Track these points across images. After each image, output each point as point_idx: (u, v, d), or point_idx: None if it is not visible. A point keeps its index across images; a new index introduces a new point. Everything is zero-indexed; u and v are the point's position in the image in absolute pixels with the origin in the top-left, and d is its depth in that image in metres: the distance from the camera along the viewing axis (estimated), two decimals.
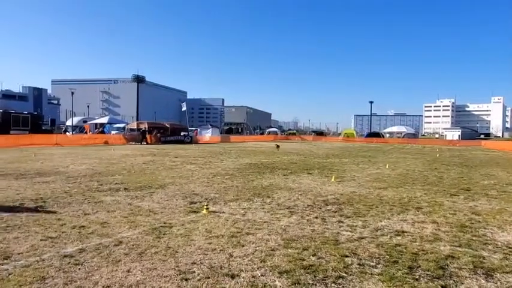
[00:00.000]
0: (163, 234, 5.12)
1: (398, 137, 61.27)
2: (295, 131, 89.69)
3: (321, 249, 4.60)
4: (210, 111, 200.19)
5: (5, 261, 4.05)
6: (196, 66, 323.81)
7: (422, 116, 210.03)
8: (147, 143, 32.36)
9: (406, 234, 5.39)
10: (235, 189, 9.03)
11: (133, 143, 32.15)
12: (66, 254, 4.27)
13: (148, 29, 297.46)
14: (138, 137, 33.01)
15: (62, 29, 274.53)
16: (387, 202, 7.76)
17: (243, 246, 4.69)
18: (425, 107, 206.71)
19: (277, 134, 73.40)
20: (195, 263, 4.07)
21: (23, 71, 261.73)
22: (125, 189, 8.72)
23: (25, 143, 25.29)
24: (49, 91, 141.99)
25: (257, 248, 4.60)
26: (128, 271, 3.83)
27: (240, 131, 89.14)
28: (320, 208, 7.06)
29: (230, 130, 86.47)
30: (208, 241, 4.87)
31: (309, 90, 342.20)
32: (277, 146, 28.69)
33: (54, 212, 6.27)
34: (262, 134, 78.61)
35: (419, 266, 4.11)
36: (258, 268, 3.96)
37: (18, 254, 4.27)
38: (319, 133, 79.32)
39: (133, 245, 4.64)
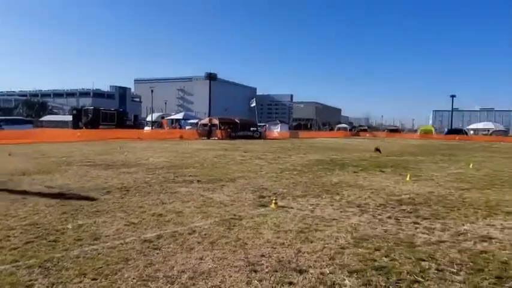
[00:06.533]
0: (234, 226, 5.28)
1: (485, 135, 55.68)
2: (366, 127, 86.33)
3: (395, 251, 4.36)
4: (279, 107, 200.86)
5: (95, 241, 4.51)
6: (265, 63, 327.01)
7: None
8: (218, 138, 33.62)
9: (493, 240, 4.88)
10: (304, 185, 8.97)
11: (205, 138, 33.61)
12: (146, 239, 4.62)
13: (219, 28, 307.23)
14: (205, 132, 34.44)
15: (142, 31, 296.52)
16: (471, 204, 7.10)
17: (311, 242, 4.64)
18: None
19: (346, 131, 71.30)
20: (263, 256, 4.13)
21: (109, 71, 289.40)
22: (198, 181, 9.16)
23: (111, 137, 27.91)
24: (132, 90, 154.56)
25: (326, 245, 4.52)
26: (201, 258, 4.02)
27: (309, 127, 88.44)
28: (393, 208, 6.70)
29: (299, 126, 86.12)
30: (276, 235, 4.90)
31: (382, 84, 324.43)
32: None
33: (136, 200, 6.81)
34: (331, 130, 77.08)
35: (510, 277, 3.69)
36: (326, 265, 3.89)
37: (106, 236, 4.72)
38: (393, 130, 75.24)
39: (205, 235, 4.86)
